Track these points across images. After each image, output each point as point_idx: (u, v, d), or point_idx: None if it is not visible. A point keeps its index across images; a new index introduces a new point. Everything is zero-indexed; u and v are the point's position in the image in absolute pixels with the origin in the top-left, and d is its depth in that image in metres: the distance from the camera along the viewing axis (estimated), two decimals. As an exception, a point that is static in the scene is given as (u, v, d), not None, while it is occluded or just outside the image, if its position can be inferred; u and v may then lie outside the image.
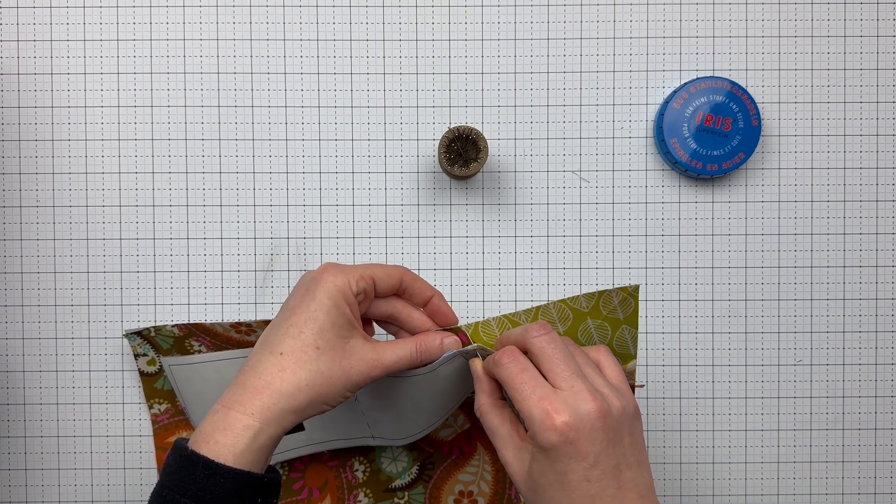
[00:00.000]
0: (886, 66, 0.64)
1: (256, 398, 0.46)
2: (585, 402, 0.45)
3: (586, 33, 0.64)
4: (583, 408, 0.44)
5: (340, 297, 0.48)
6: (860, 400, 0.65)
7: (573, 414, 0.44)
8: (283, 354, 0.47)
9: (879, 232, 0.64)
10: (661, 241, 0.64)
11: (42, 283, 0.63)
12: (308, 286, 0.49)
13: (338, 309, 0.48)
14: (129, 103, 0.63)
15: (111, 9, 0.63)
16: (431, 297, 0.52)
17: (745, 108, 0.62)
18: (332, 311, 0.48)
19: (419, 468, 0.64)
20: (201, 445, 0.45)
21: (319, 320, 0.47)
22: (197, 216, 0.64)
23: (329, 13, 0.63)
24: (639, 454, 0.47)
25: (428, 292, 0.52)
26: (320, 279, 0.48)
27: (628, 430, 0.46)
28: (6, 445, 0.64)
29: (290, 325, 0.48)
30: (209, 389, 0.60)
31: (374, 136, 0.64)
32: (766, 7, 0.64)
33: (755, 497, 0.65)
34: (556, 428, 0.44)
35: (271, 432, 0.46)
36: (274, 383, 0.46)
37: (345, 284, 0.48)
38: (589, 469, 0.44)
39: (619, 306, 0.54)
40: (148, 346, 0.62)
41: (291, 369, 0.46)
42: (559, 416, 0.44)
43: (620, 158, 0.64)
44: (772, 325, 0.64)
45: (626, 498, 0.45)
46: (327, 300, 0.48)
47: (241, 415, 0.45)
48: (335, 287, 0.48)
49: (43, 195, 0.63)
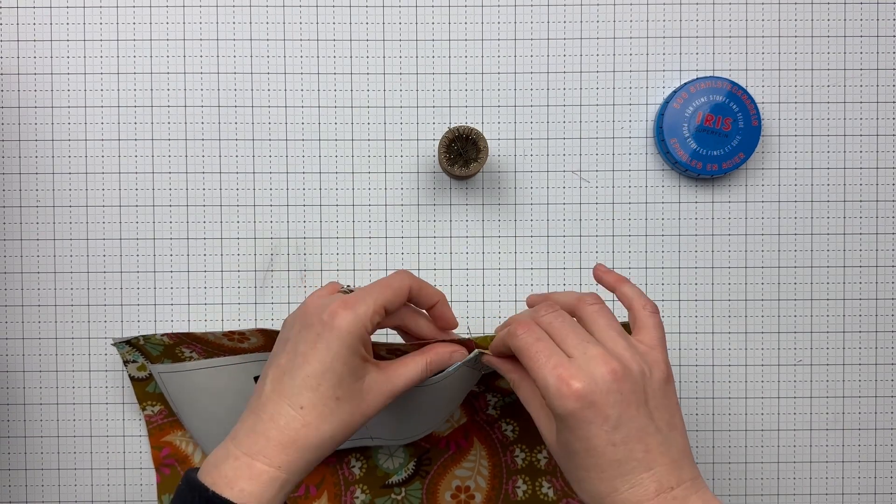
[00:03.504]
0: (886, 66, 0.64)
1: (283, 453, 0.46)
2: (598, 366, 0.44)
3: (586, 33, 0.64)
4: (597, 371, 0.44)
5: (356, 342, 0.47)
6: (860, 400, 0.65)
7: (587, 378, 0.44)
8: (303, 408, 0.46)
9: (879, 232, 0.64)
10: (661, 241, 0.64)
11: (42, 283, 0.63)
12: (320, 333, 0.47)
13: (354, 353, 0.47)
14: (129, 103, 0.63)
15: (111, 9, 0.63)
16: (436, 302, 0.52)
17: (745, 108, 0.62)
18: (348, 360, 0.47)
19: (416, 464, 0.64)
20: (224, 489, 0.45)
21: (337, 371, 0.46)
22: (197, 216, 0.64)
23: (329, 13, 0.63)
24: (669, 417, 0.46)
25: (433, 297, 0.52)
26: (334, 326, 0.47)
27: (653, 393, 0.45)
28: (6, 445, 0.64)
29: (306, 377, 0.47)
30: (203, 397, 0.60)
31: (374, 136, 0.64)
32: (766, 7, 0.64)
33: (755, 497, 0.65)
34: (572, 394, 0.44)
35: (297, 480, 0.47)
36: (299, 440, 0.46)
37: (360, 329, 0.47)
38: (611, 432, 0.44)
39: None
40: (137, 354, 0.61)
41: (315, 424, 0.46)
42: (574, 382, 0.44)
43: (620, 158, 0.64)
44: (772, 325, 0.64)
45: (655, 462, 0.44)
46: (344, 350, 0.47)
47: (267, 467, 0.45)
48: (350, 335, 0.47)
49: (43, 195, 0.63)
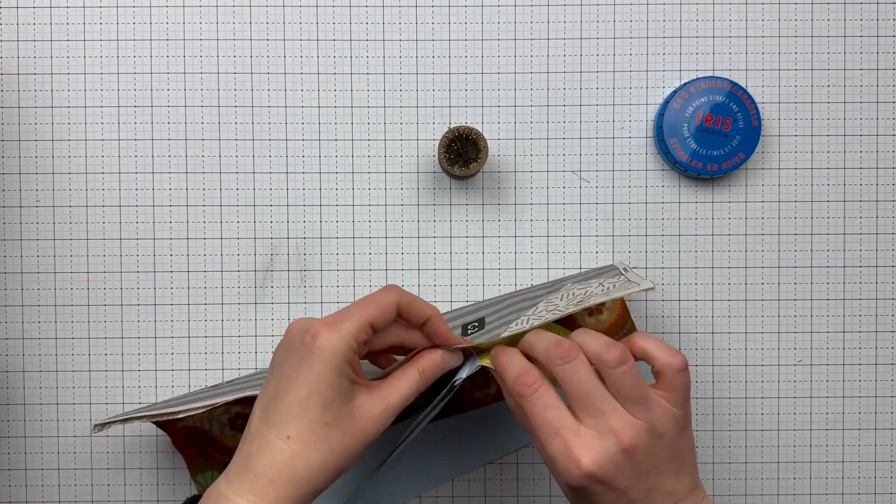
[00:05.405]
0: (886, 66, 0.64)
1: (272, 489, 0.43)
2: (611, 442, 0.43)
3: (586, 33, 0.64)
4: (608, 448, 0.43)
5: (342, 362, 0.44)
6: (860, 400, 0.65)
7: (598, 455, 0.43)
8: (290, 438, 0.44)
9: (879, 232, 0.64)
10: (661, 241, 0.64)
11: (42, 283, 0.63)
12: (303, 356, 0.45)
13: (340, 375, 0.44)
14: (129, 103, 0.63)
15: (111, 9, 0.63)
16: (430, 316, 0.49)
17: (745, 108, 0.62)
18: (334, 382, 0.44)
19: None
20: None
21: (323, 394, 0.44)
22: (197, 216, 0.64)
23: (329, 13, 0.63)
24: (679, 465, 0.45)
25: (425, 311, 0.48)
26: (315, 348, 0.44)
27: (665, 450, 0.45)
28: (6, 445, 0.64)
29: (291, 403, 0.44)
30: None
31: (374, 136, 0.64)
32: (766, 7, 0.64)
33: (755, 497, 0.65)
34: (580, 474, 0.43)
35: None
36: (286, 473, 0.43)
37: (344, 348, 0.44)
38: (620, 496, 0.44)
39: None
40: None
41: (303, 454, 0.44)
42: (583, 461, 0.43)
43: (620, 158, 0.64)
44: (772, 325, 0.64)
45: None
46: (328, 371, 0.44)
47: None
48: (334, 354, 0.44)
49: (43, 195, 0.63)
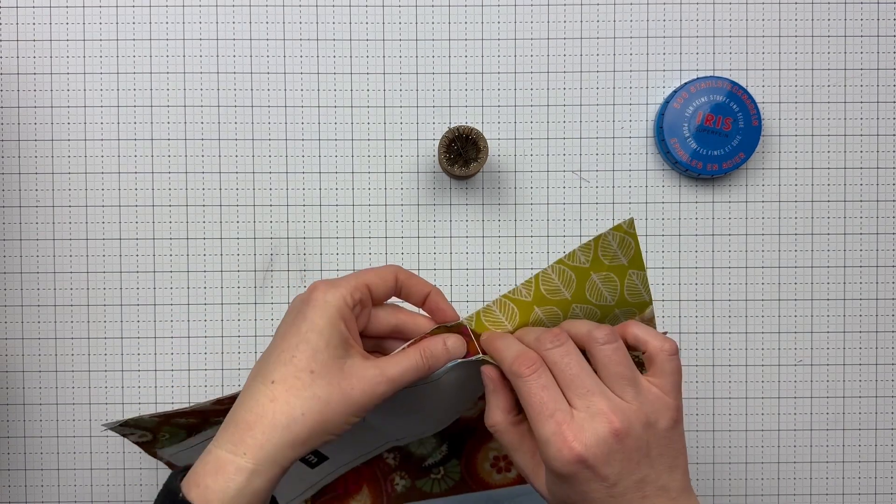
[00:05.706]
0: (886, 66, 0.64)
1: (248, 435, 0.41)
2: (602, 425, 0.43)
3: (586, 33, 0.64)
4: (600, 430, 0.43)
5: (335, 314, 0.44)
6: (860, 400, 0.65)
7: (589, 438, 0.43)
8: (274, 383, 0.42)
9: (879, 232, 0.64)
10: (661, 241, 0.64)
11: (42, 283, 0.63)
12: (299, 308, 0.44)
13: (332, 327, 0.44)
14: (129, 103, 0.63)
15: (111, 9, 0.63)
16: (428, 293, 0.49)
17: (746, 108, 0.62)
18: (325, 330, 0.43)
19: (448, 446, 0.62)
20: (191, 489, 0.41)
21: (312, 341, 0.43)
22: (197, 216, 0.64)
23: (329, 13, 0.63)
24: (672, 460, 0.45)
25: (425, 288, 0.49)
26: (310, 298, 0.44)
27: (657, 441, 0.44)
28: (6, 445, 0.64)
29: (280, 351, 0.43)
30: None
31: (374, 136, 0.64)
32: (766, 7, 0.64)
33: (755, 497, 0.65)
34: (572, 456, 0.43)
35: (268, 475, 0.42)
36: (266, 416, 0.42)
37: (338, 300, 0.44)
38: (610, 488, 0.43)
39: (619, 249, 0.50)
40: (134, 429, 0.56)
41: (284, 398, 0.42)
42: (575, 444, 0.43)
43: (620, 158, 0.64)
44: (772, 325, 0.64)
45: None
46: (319, 319, 0.43)
47: (232, 455, 0.41)
48: (327, 304, 0.44)
49: (43, 195, 0.63)
